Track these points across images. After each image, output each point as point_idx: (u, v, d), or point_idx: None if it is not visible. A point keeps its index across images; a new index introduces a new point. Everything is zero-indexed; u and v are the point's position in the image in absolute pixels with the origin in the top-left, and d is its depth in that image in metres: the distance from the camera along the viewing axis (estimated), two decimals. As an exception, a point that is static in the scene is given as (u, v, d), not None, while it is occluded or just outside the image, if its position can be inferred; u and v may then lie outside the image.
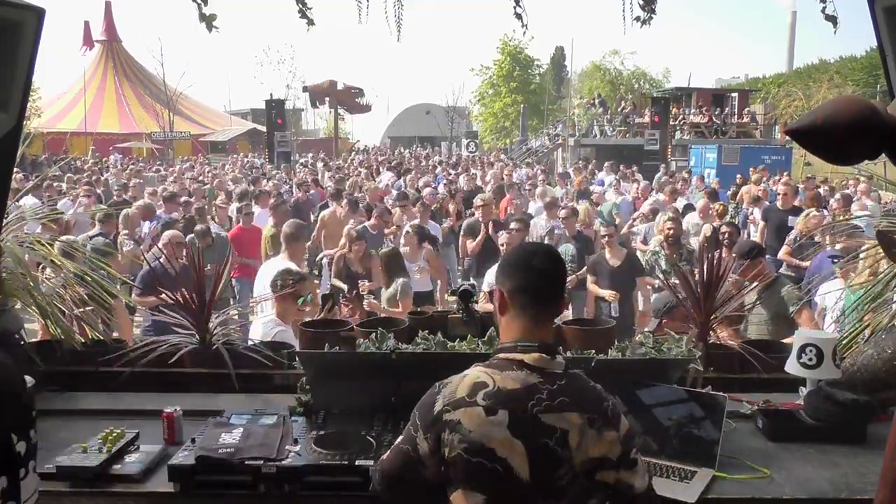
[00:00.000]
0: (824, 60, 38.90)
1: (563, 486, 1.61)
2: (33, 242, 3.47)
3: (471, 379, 1.68)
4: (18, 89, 2.61)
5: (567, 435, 1.61)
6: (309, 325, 3.16)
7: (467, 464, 1.61)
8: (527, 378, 1.64)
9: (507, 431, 1.60)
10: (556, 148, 30.46)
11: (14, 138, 2.72)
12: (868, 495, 2.01)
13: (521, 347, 1.69)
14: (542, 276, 1.73)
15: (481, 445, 1.60)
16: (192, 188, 12.63)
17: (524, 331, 1.71)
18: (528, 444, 1.60)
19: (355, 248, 6.56)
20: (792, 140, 1.58)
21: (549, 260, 1.76)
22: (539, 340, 1.69)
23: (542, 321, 1.73)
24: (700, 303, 3.09)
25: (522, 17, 3.42)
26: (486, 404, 1.62)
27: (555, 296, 1.75)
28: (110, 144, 32.27)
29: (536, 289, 1.72)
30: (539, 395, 1.62)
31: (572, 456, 1.61)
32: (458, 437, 1.62)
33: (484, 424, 1.60)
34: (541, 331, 1.72)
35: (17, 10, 2.46)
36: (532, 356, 1.66)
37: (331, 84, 37.38)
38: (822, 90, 31.58)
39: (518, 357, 1.67)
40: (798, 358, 2.56)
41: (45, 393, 2.79)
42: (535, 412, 1.61)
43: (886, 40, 2.40)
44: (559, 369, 1.68)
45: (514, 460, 1.60)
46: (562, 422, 1.61)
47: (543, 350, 1.68)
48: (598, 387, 1.71)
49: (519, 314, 1.72)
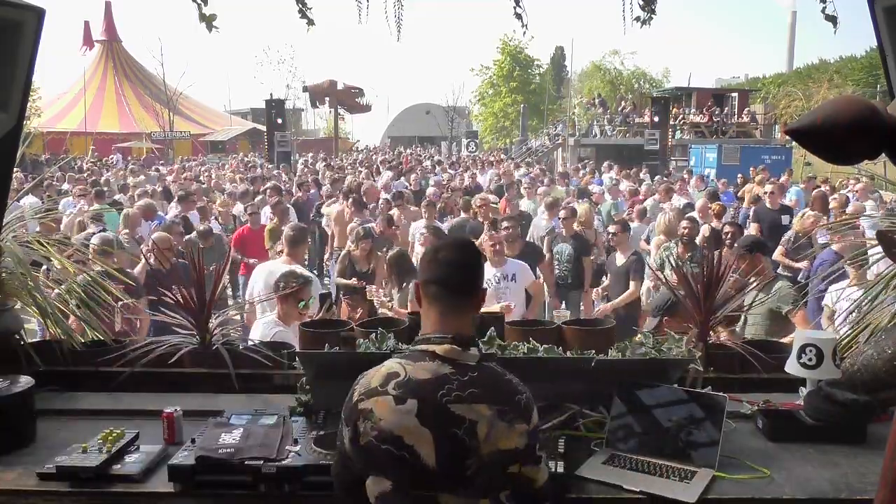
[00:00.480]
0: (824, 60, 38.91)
1: (470, 475, 1.64)
2: (33, 242, 3.48)
3: (385, 370, 1.72)
4: (18, 89, 2.61)
5: (476, 426, 1.63)
6: (309, 325, 3.16)
7: (377, 450, 1.66)
8: (438, 369, 1.68)
9: (415, 420, 1.64)
10: (556, 148, 30.48)
11: (14, 138, 2.73)
12: (868, 495, 2.00)
13: (433, 339, 1.72)
14: (449, 268, 1.75)
15: (390, 433, 1.65)
16: (192, 188, 12.61)
17: (437, 322, 1.75)
18: (436, 433, 1.63)
19: (361, 246, 6.57)
20: (792, 140, 1.58)
21: (457, 251, 1.79)
22: (453, 332, 1.72)
23: (455, 312, 1.75)
24: (700, 303, 3.09)
25: (522, 17, 3.42)
26: (396, 394, 1.66)
27: (464, 287, 1.77)
28: (110, 144, 32.28)
29: (443, 280, 1.75)
30: (449, 385, 1.65)
31: (480, 446, 1.63)
32: (370, 425, 1.67)
33: (393, 413, 1.65)
34: (454, 322, 1.74)
35: (17, 10, 2.47)
36: (444, 347, 1.69)
37: (331, 84, 37.38)
38: (822, 90, 31.58)
39: (431, 348, 1.70)
40: (798, 358, 2.56)
41: (45, 393, 2.78)
42: (445, 402, 1.64)
43: (886, 40, 2.40)
44: (472, 361, 1.70)
45: (421, 448, 1.63)
46: (471, 412, 1.64)
47: (456, 342, 1.70)
48: (513, 379, 1.74)
49: (431, 306, 1.76)
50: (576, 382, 2.53)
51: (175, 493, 2.11)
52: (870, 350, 2.64)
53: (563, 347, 2.68)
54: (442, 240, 1.95)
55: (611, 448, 2.34)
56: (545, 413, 2.52)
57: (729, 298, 3.18)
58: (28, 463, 2.26)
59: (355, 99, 39.22)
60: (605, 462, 2.25)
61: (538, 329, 3.01)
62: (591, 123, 30.96)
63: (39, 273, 3.40)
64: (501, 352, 2.61)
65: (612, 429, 2.39)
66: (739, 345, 3.03)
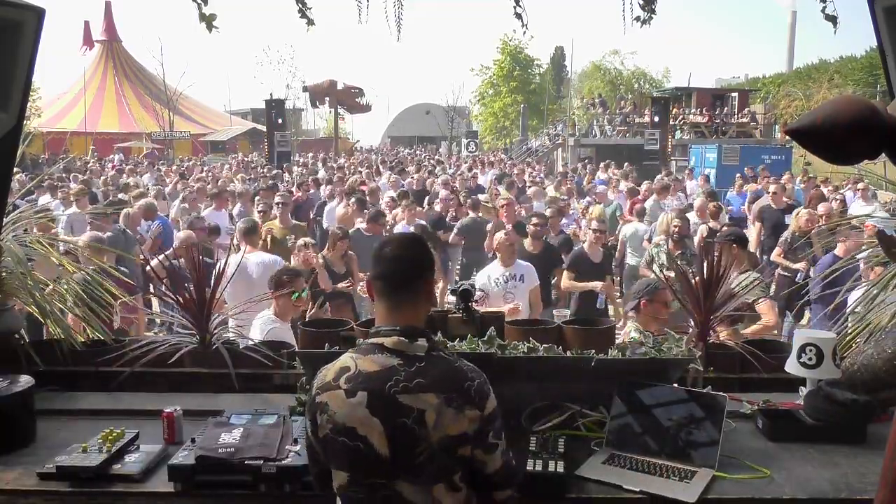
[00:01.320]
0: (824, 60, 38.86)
1: (421, 462, 1.69)
2: (33, 242, 3.48)
3: (339, 364, 1.79)
4: (18, 89, 2.61)
5: (424, 414, 1.68)
6: (309, 324, 3.16)
7: (333, 443, 1.74)
8: (386, 361, 1.73)
9: (366, 411, 1.70)
10: (555, 148, 30.48)
11: (14, 138, 2.73)
12: (868, 495, 2.01)
13: (382, 332, 1.78)
14: (393, 263, 1.81)
15: (343, 425, 1.72)
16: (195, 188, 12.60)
17: (385, 316, 1.81)
18: (387, 423, 1.69)
19: (338, 246, 6.52)
20: (792, 140, 1.58)
21: (400, 247, 1.85)
22: (401, 324, 1.77)
23: (402, 306, 1.81)
24: (700, 303, 3.09)
25: (522, 17, 3.42)
26: (347, 387, 1.73)
27: (406, 282, 1.81)
28: (110, 144, 32.27)
29: (387, 275, 1.82)
30: (397, 376, 1.71)
31: (429, 434, 1.68)
32: (326, 418, 1.75)
33: (345, 406, 1.72)
34: (402, 315, 1.80)
35: (17, 10, 2.47)
36: (391, 339, 1.75)
37: (331, 84, 37.37)
38: (822, 90, 31.58)
39: (379, 341, 1.77)
40: (798, 358, 2.56)
41: (45, 393, 2.78)
42: (393, 393, 1.69)
43: (886, 40, 2.40)
44: (420, 352, 1.75)
45: (373, 438, 1.69)
46: (418, 402, 1.68)
47: (403, 334, 1.75)
48: (463, 367, 1.77)
49: (380, 300, 1.83)
50: (576, 382, 2.53)
51: (175, 493, 2.11)
52: (870, 350, 2.64)
53: (563, 347, 2.68)
54: (385, 238, 1.99)
55: (611, 448, 2.34)
56: (545, 413, 2.53)
57: (729, 298, 3.18)
58: (28, 463, 2.26)
59: (355, 99, 39.20)
60: (605, 462, 2.26)
61: (538, 329, 3.01)
62: (591, 123, 30.96)
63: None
64: (501, 351, 2.61)
65: (612, 429, 2.39)
66: (739, 345, 3.03)
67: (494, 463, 1.77)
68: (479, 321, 3.09)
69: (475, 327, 3.00)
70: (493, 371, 2.38)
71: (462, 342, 2.72)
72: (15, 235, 3.32)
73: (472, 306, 3.19)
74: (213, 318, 3.15)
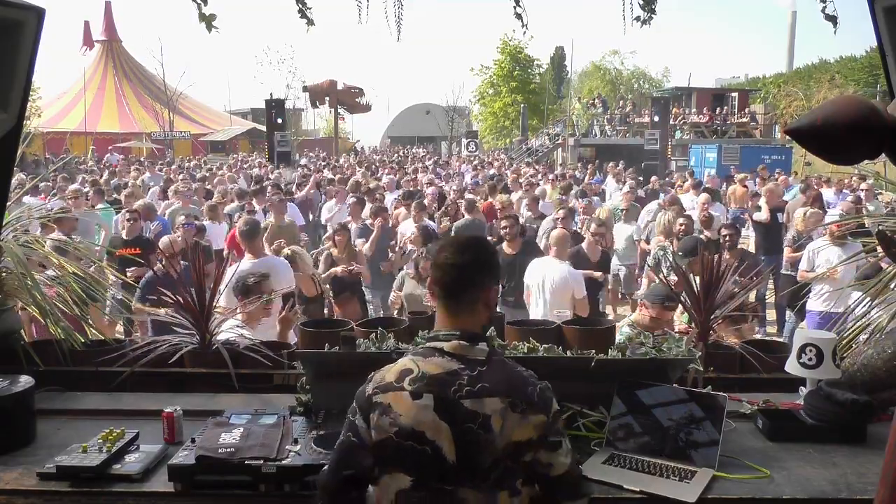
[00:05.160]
0: (824, 60, 38.87)
1: (486, 468, 1.66)
2: (33, 242, 3.48)
3: (399, 366, 1.76)
4: (18, 89, 2.61)
5: (489, 420, 1.65)
6: (309, 324, 3.17)
7: (398, 447, 1.69)
8: (447, 364, 1.71)
9: (433, 414, 1.67)
10: (555, 148, 30.47)
11: (14, 138, 2.72)
12: (868, 495, 2.01)
13: (441, 336, 1.76)
14: (450, 269, 1.78)
15: (411, 429, 1.68)
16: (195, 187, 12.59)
17: (443, 320, 1.80)
18: (454, 427, 1.66)
19: (337, 239, 6.53)
20: (792, 140, 1.58)
21: (456, 252, 1.80)
22: (460, 329, 1.75)
23: (459, 310, 1.78)
24: (700, 303, 3.09)
25: (522, 17, 3.42)
26: (412, 389, 1.70)
27: (463, 286, 1.78)
28: (110, 144, 32.26)
29: (444, 280, 1.79)
30: (460, 380, 1.68)
31: (496, 440, 1.65)
32: (388, 421, 1.70)
33: (412, 408, 1.69)
34: (461, 320, 1.78)
35: (17, 10, 2.47)
36: (451, 344, 1.73)
37: (331, 84, 37.37)
38: (822, 90, 31.56)
39: (439, 345, 1.75)
40: (798, 358, 2.56)
41: (45, 393, 2.78)
42: (458, 397, 1.67)
43: (886, 40, 2.40)
44: (481, 356, 1.73)
45: (441, 443, 1.67)
46: (483, 407, 1.66)
47: (463, 338, 1.74)
48: (524, 372, 1.76)
49: (439, 305, 1.82)
50: (576, 382, 2.52)
51: (175, 493, 2.10)
52: (870, 350, 2.64)
53: (563, 347, 2.68)
54: (442, 241, 1.96)
55: (611, 448, 2.34)
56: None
57: (729, 298, 3.18)
58: (28, 463, 2.26)
59: (355, 99, 39.18)
60: (605, 462, 2.25)
61: (538, 329, 3.02)
62: (591, 124, 30.95)
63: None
64: (502, 352, 2.61)
65: (612, 429, 2.39)
66: (739, 345, 3.03)
67: (559, 465, 1.72)
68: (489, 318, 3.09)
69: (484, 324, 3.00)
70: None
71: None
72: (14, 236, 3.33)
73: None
74: (212, 318, 3.15)
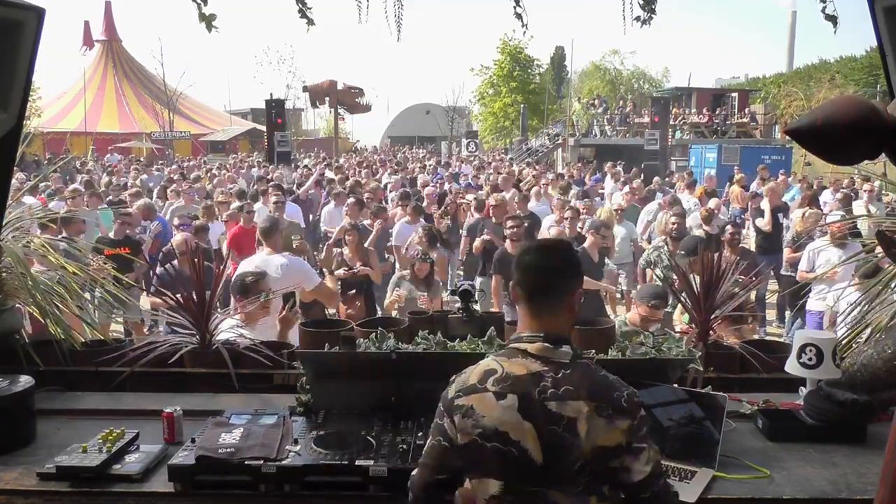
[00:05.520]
0: (824, 60, 38.78)
1: (575, 471, 1.63)
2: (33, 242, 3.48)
3: (482, 367, 1.75)
4: (18, 89, 2.61)
5: (575, 423, 1.63)
6: (309, 325, 3.17)
7: (482, 449, 1.66)
8: (531, 365, 1.69)
9: (517, 415, 1.64)
10: (555, 148, 30.44)
11: (14, 138, 2.72)
12: (868, 495, 2.01)
13: (525, 338, 1.74)
14: (534, 271, 1.77)
15: (494, 430, 1.65)
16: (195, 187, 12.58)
17: (528, 322, 1.77)
18: (539, 428, 1.64)
19: (348, 239, 6.55)
20: (792, 140, 1.58)
21: (542, 255, 1.80)
22: (544, 331, 1.73)
23: (543, 313, 1.76)
24: (700, 303, 3.09)
25: (522, 17, 3.42)
26: (496, 389, 1.68)
27: (548, 289, 1.76)
28: (110, 144, 32.25)
29: (528, 283, 1.78)
30: (544, 382, 1.66)
31: (581, 443, 1.62)
32: (471, 423, 1.68)
33: (496, 409, 1.66)
34: (545, 322, 1.75)
35: (17, 10, 2.47)
36: (535, 346, 1.71)
37: (331, 84, 37.35)
38: (822, 90, 31.54)
39: (522, 346, 1.73)
40: (798, 358, 2.56)
41: (45, 393, 2.78)
42: (542, 399, 1.65)
43: (886, 40, 2.40)
44: (565, 359, 1.70)
45: (527, 443, 1.64)
46: (568, 410, 1.63)
47: (547, 340, 1.71)
48: (609, 377, 1.72)
49: (522, 307, 1.79)
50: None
51: (175, 493, 2.10)
52: (870, 350, 2.64)
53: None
54: (527, 245, 1.96)
55: (611, 448, 2.33)
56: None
57: (729, 298, 3.18)
58: (28, 463, 2.26)
59: (355, 99, 39.16)
60: (605, 462, 2.25)
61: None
62: (591, 123, 30.94)
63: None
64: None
65: (612, 429, 2.39)
66: (739, 345, 3.03)
67: (641, 469, 1.66)
68: (479, 321, 3.09)
69: (475, 327, 3.01)
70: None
71: (462, 342, 2.73)
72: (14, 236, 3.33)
73: (472, 306, 3.20)
74: (212, 318, 3.15)
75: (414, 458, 2.12)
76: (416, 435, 2.27)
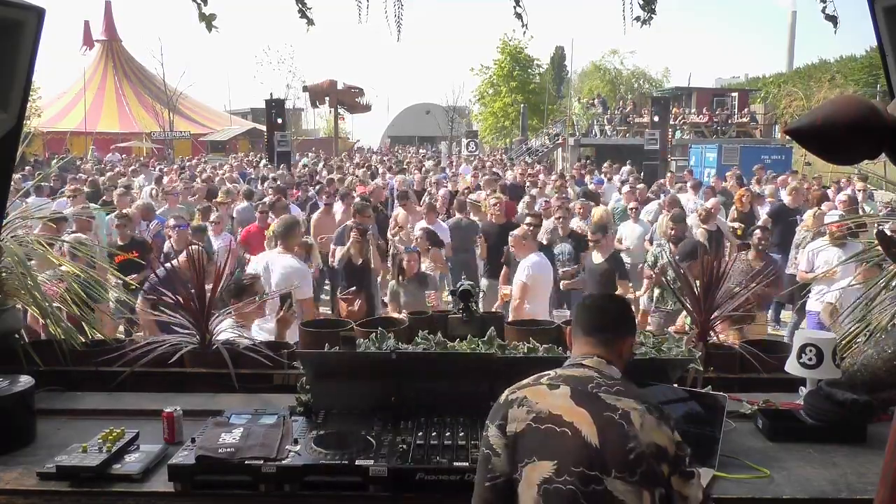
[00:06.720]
0: (824, 60, 38.74)
1: (633, 460, 1.64)
2: (33, 242, 3.48)
3: (535, 374, 1.88)
4: (18, 89, 2.61)
5: (630, 415, 1.69)
6: (309, 325, 3.17)
7: (536, 432, 1.71)
8: (585, 372, 1.83)
9: (570, 401, 1.73)
10: (555, 148, 30.43)
11: (14, 138, 2.72)
12: (868, 495, 2.01)
13: (580, 356, 1.91)
14: (597, 311, 2.00)
15: (549, 412, 1.72)
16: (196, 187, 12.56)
17: (583, 349, 1.93)
18: (593, 414, 1.70)
19: (353, 236, 6.59)
20: (792, 140, 1.58)
21: (605, 301, 2.10)
22: (598, 354, 1.89)
23: (599, 346, 1.92)
24: (700, 303, 3.09)
25: (522, 17, 3.42)
26: (548, 382, 1.80)
27: (605, 328, 1.95)
28: (110, 144, 32.24)
29: (589, 320, 1.98)
30: (598, 381, 1.79)
31: (638, 434, 1.67)
32: (525, 410, 1.75)
33: (549, 396, 1.76)
34: (599, 351, 1.91)
35: (17, 10, 2.47)
36: (590, 360, 1.88)
37: (331, 84, 37.36)
38: (822, 90, 31.54)
39: (577, 361, 1.89)
40: (798, 358, 2.56)
41: (45, 393, 2.78)
42: (595, 392, 1.75)
43: (886, 40, 2.40)
44: (616, 375, 1.85)
45: (581, 426, 1.69)
46: (622, 403, 1.72)
47: (600, 357, 1.89)
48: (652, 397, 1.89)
49: (578, 339, 1.97)
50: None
51: (175, 493, 2.11)
52: (870, 350, 2.64)
53: (563, 347, 2.68)
54: (598, 293, 2.20)
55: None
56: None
57: (730, 298, 3.18)
58: (28, 463, 2.26)
59: (355, 99, 39.17)
60: (605, 462, 2.25)
61: (538, 329, 3.02)
62: (591, 123, 30.93)
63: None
64: (501, 352, 2.61)
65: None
66: (739, 345, 3.03)
67: (693, 494, 1.69)
68: (479, 321, 3.10)
69: (475, 327, 3.01)
70: (493, 371, 2.39)
71: (462, 342, 2.73)
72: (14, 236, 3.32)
73: (472, 306, 3.20)
74: (212, 318, 3.15)
75: (414, 458, 2.12)
76: (416, 435, 2.27)
